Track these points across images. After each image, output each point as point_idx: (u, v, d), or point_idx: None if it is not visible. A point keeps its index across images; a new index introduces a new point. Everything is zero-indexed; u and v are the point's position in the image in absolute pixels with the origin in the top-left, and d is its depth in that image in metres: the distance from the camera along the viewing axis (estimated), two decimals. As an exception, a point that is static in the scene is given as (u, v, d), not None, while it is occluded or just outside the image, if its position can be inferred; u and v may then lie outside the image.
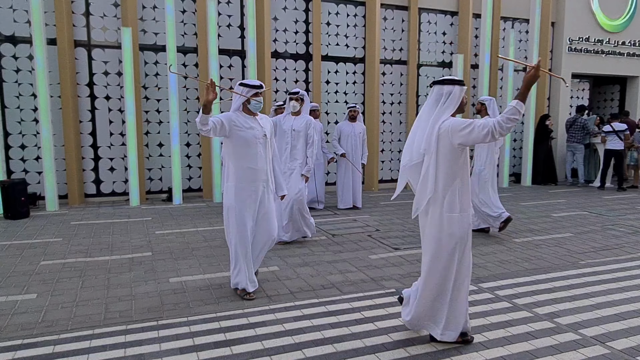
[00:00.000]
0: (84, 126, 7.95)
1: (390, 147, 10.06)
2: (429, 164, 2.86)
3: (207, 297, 3.79)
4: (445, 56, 10.34)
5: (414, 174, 2.98)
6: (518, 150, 11.24)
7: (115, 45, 7.96)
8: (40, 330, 3.16)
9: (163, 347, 2.92)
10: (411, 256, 4.99)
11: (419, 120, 3.01)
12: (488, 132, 2.70)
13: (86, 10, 7.79)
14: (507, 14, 10.66)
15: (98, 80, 7.97)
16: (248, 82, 3.72)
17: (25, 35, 7.42)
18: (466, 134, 2.76)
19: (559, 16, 11.05)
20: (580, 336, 3.14)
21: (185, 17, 8.34)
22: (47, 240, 5.53)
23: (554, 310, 3.57)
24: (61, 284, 4.05)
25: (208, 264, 4.66)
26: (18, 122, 7.55)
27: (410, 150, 2.97)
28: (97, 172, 8.11)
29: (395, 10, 9.75)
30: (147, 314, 3.44)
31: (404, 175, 3.05)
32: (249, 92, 3.67)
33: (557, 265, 4.72)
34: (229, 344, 2.97)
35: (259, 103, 3.72)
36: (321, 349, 2.93)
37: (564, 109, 11.30)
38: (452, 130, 2.79)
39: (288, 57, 9.07)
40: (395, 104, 10.03)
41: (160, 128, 8.40)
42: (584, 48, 11.17)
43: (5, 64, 7.41)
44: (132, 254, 4.97)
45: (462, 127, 2.77)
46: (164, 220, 6.64)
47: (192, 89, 8.51)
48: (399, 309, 3.55)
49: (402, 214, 7.28)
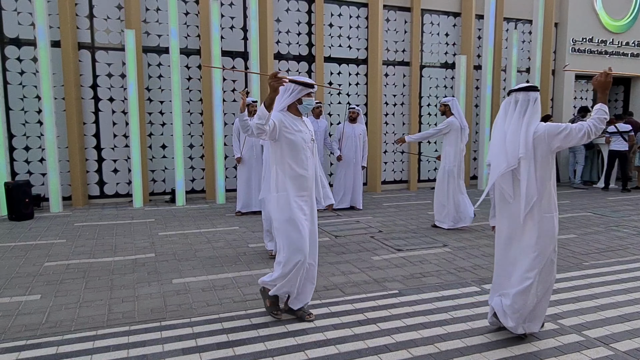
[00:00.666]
0: (87, 128, 7.99)
1: (394, 148, 10.05)
2: (529, 168, 2.94)
3: (210, 298, 3.79)
4: (448, 57, 10.33)
5: (506, 179, 3.05)
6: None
7: (118, 47, 7.99)
8: (44, 331, 3.17)
9: (166, 348, 2.93)
10: (414, 257, 4.98)
11: (503, 126, 3.08)
12: (584, 133, 2.86)
13: (90, 12, 7.83)
14: (510, 14, 10.64)
15: (102, 82, 8.01)
16: (299, 78, 3.27)
17: (30, 38, 7.46)
18: (563, 137, 2.92)
19: (562, 17, 11.03)
20: (584, 337, 3.13)
21: (188, 19, 8.37)
22: (51, 241, 5.55)
23: (558, 311, 3.56)
24: (65, 285, 4.06)
25: (211, 265, 4.67)
26: (22, 124, 7.59)
27: (506, 157, 3.00)
28: (100, 173, 8.14)
29: (398, 12, 9.76)
30: (150, 315, 3.45)
31: (498, 180, 3.08)
32: (301, 92, 3.25)
33: (560, 267, 4.70)
34: (231, 345, 2.98)
35: (311, 104, 3.34)
36: (324, 350, 2.93)
37: (567, 109, 11.27)
38: (549, 135, 2.94)
39: (291, 58, 9.08)
40: (398, 105, 10.02)
41: (163, 130, 8.42)
42: (588, 49, 11.14)
43: (10, 66, 7.45)
44: (135, 256, 4.98)
45: (559, 131, 2.92)
46: (167, 222, 6.66)
47: (195, 90, 8.53)
48: (402, 309, 3.56)
49: (405, 215, 7.27)
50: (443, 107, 6.41)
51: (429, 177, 10.48)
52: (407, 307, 3.62)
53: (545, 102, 10.80)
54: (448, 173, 6.31)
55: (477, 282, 4.22)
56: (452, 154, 6.30)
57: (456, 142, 6.28)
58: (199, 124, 8.61)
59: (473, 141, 10.66)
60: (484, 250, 5.27)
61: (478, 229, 6.34)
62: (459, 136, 6.27)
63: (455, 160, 6.30)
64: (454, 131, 6.25)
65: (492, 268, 4.62)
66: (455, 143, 6.28)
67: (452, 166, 6.30)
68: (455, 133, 6.25)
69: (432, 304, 3.69)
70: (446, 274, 4.46)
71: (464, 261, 4.86)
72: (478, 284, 4.15)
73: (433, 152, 10.43)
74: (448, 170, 6.31)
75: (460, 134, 6.26)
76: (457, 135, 6.26)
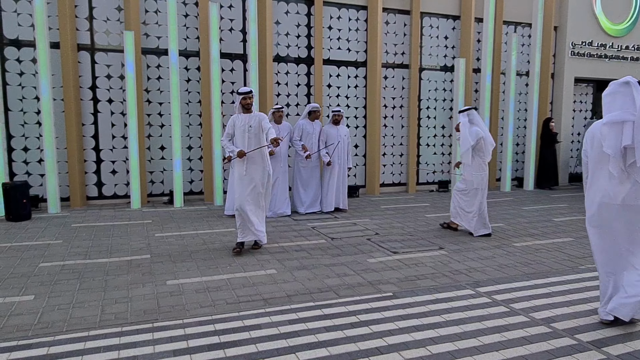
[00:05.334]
0: (86, 129, 8.00)
1: (392, 150, 10.05)
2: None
3: (204, 299, 3.79)
4: (447, 60, 10.34)
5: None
6: (520, 155, 11.20)
7: (118, 49, 8.02)
8: (36, 331, 3.18)
9: (157, 350, 2.93)
10: (409, 260, 4.98)
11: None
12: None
13: (89, 14, 7.86)
14: (510, 18, 10.65)
15: (101, 84, 8.03)
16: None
17: (29, 39, 7.49)
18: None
19: (562, 20, 11.03)
20: (577, 341, 3.12)
21: (187, 21, 8.39)
22: (47, 242, 5.56)
23: (551, 315, 3.55)
24: (59, 286, 4.07)
25: (206, 266, 4.67)
26: (21, 124, 7.61)
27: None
28: (99, 174, 8.15)
29: (398, 14, 9.77)
30: (143, 316, 3.45)
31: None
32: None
33: (556, 270, 4.69)
34: (222, 347, 2.97)
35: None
36: (315, 353, 2.92)
37: (567, 112, 11.26)
38: None
39: (290, 61, 9.09)
40: (397, 108, 10.02)
41: (162, 131, 8.43)
42: (587, 52, 11.14)
43: (9, 67, 7.48)
44: (130, 257, 4.98)
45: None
46: (164, 223, 6.66)
47: (194, 92, 8.55)
48: (395, 312, 3.55)
49: (402, 217, 7.27)
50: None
51: (428, 180, 10.47)
52: (401, 310, 3.62)
53: (544, 105, 10.80)
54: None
55: (472, 285, 4.21)
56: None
57: (478, 151, 6.14)
58: (198, 126, 8.62)
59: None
60: (479, 253, 5.27)
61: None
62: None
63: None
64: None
65: (487, 271, 4.63)
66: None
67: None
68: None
69: (425, 307, 3.68)
70: (441, 276, 4.45)
71: (459, 264, 4.86)
72: (472, 287, 4.14)
73: (432, 154, 10.43)
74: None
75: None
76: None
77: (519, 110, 11.02)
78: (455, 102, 9.89)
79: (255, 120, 5.17)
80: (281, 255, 5.12)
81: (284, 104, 9.07)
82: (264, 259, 4.97)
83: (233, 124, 5.19)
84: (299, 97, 9.24)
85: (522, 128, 11.07)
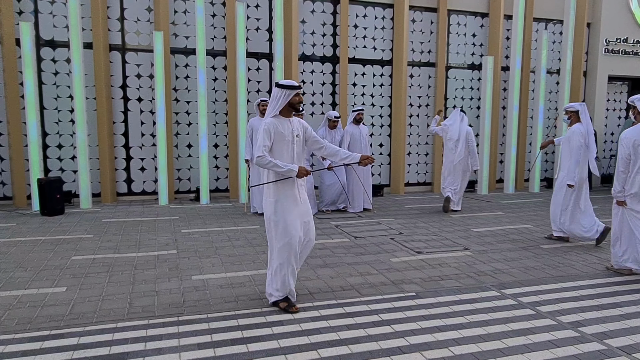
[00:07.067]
0: (117, 127, 8.22)
1: (417, 150, 9.96)
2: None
3: (228, 295, 3.85)
4: (475, 58, 10.17)
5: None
6: (550, 155, 10.93)
7: (147, 49, 8.21)
8: (67, 322, 3.29)
9: (182, 343, 2.99)
10: (433, 260, 4.93)
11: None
12: None
13: (121, 15, 8.07)
14: (540, 14, 10.40)
15: (131, 83, 8.23)
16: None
17: (64, 40, 7.75)
18: None
19: (595, 16, 10.70)
20: (606, 346, 3.03)
21: (215, 21, 8.52)
22: (79, 236, 5.74)
23: (579, 319, 3.46)
24: (89, 279, 4.20)
25: (230, 263, 4.74)
26: (56, 122, 7.87)
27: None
28: (128, 171, 8.37)
29: (424, 12, 9.67)
30: (169, 310, 3.53)
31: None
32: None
33: (585, 273, 4.57)
34: (245, 342, 3.02)
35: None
36: (336, 350, 2.93)
37: (600, 111, 10.92)
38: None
39: (315, 59, 9.12)
40: (423, 107, 9.93)
41: (189, 129, 8.59)
42: (622, 49, 10.77)
43: (45, 67, 7.75)
44: (158, 252, 5.10)
45: None
46: (190, 220, 6.79)
47: (221, 91, 8.67)
48: (418, 312, 3.53)
49: (427, 217, 7.20)
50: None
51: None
52: (424, 310, 3.59)
53: (576, 104, 10.48)
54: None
55: (497, 286, 4.14)
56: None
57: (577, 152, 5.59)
58: (224, 124, 8.74)
59: (500, 144, 10.46)
60: (505, 255, 5.17)
61: (501, 233, 6.22)
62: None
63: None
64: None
65: (513, 272, 4.55)
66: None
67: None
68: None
69: (449, 307, 3.64)
70: (465, 277, 4.39)
71: (485, 265, 4.78)
72: (498, 289, 4.07)
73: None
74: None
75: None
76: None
77: (549, 109, 10.75)
78: (483, 101, 9.72)
79: (300, 127, 3.69)
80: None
81: (309, 102, 9.11)
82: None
83: (271, 131, 3.51)
84: (324, 95, 9.25)
85: (552, 127, 10.80)
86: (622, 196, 4.42)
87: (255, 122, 7.11)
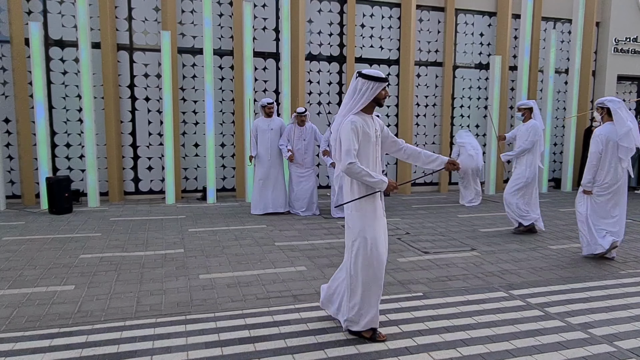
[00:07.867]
0: (124, 126, 8.26)
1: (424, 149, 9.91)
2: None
3: (235, 294, 3.86)
4: (482, 57, 10.12)
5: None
6: (558, 155, 10.85)
7: (155, 48, 8.24)
8: (76, 320, 3.31)
9: (189, 341, 3.00)
10: (440, 260, 4.91)
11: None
12: None
13: (129, 14, 8.11)
14: (549, 14, 10.32)
15: (138, 82, 8.27)
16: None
17: (72, 39, 7.79)
18: None
19: (604, 15, 10.61)
20: (615, 348, 3.01)
21: (222, 21, 8.53)
22: (87, 234, 5.78)
23: (588, 320, 3.43)
24: (98, 277, 4.22)
25: (237, 262, 4.75)
26: (64, 121, 7.93)
27: None
28: (136, 170, 8.41)
29: (432, 12, 9.64)
30: (176, 309, 3.54)
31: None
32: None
33: (594, 274, 4.53)
34: (252, 341, 3.02)
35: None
36: (343, 350, 2.93)
37: (608, 112, 10.81)
38: None
39: (322, 59, 9.11)
40: (430, 107, 9.89)
41: (196, 129, 8.62)
42: (632, 49, 10.68)
43: (53, 66, 7.80)
44: (165, 250, 5.12)
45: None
46: (197, 219, 6.81)
47: (228, 90, 8.69)
48: (425, 312, 3.52)
49: (434, 217, 7.17)
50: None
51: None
52: (431, 310, 3.58)
53: (584, 104, 10.42)
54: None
55: (505, 287, 4.12)
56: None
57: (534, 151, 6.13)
58: (231, 124, 8.76)
59: (507, 144, 10.39)
60: (513, 256, 5.14)
61: (508, 233, 6.19)
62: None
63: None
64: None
65: (521, 273, 4.53)
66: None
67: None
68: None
69: (456, 308, 3.63)
70: (473, 278, 4.37)
71: (492, 266, 4.76)
72: (505, 289, 4.05)
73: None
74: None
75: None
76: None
77: (557, 109, 10.68)
78: (491, 101, 9.66)
79: (379, 126, 3.35)
80: (311, 252, 5.15)
81: (315, 102, 9.11)
82: (294, 255, 5.01)
83: (359, 131, 3.08)
84: (331, 95, 9.25)
85: (560, 127, 10.72)
86: (591, 186, 4.91)
87: (260, 123, 7.12)
